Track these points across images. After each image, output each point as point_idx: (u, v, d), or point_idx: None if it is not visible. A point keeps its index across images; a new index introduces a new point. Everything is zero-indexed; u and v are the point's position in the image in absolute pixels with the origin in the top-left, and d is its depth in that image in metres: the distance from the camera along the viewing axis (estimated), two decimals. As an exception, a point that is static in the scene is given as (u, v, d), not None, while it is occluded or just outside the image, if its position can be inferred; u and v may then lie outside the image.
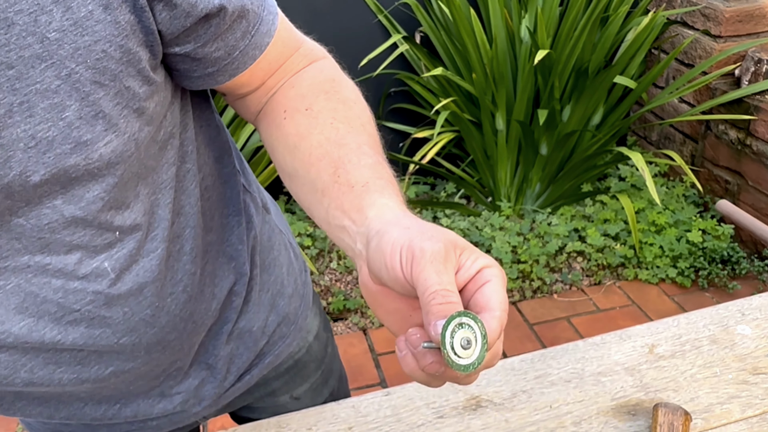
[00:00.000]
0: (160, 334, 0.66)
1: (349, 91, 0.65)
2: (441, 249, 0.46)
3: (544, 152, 2.41)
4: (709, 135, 2.55)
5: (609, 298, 2.27)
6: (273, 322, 0.82)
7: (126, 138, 0.53)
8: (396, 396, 0.81)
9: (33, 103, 0.47)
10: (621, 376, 0.82)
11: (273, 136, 0.64)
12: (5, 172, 0.48)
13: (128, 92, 0.52)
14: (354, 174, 0.55)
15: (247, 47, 0.59)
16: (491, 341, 0.45)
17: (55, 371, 0.61)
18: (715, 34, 2.42)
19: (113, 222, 0.56)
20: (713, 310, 0.92)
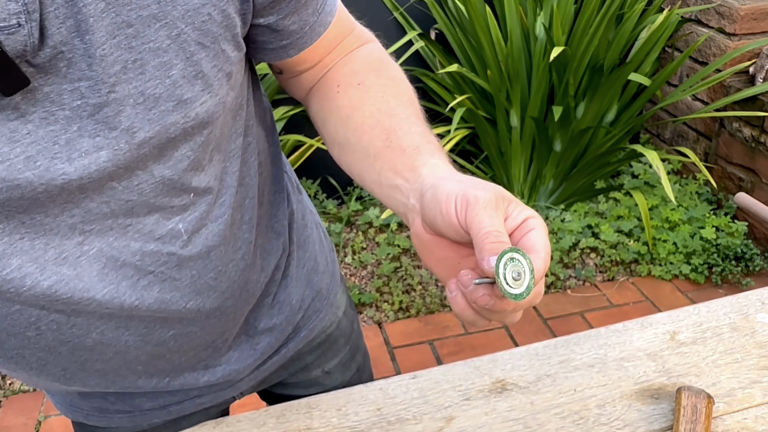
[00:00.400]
0: (220, 299, 0.69)
1: (396, 70, 0.70)
2: (492, 198, 0.51)
3: (558, 149, 2.43)
4: (723, 132, 2.56)
5: (622, 294, 2.28)
6: (308, 297, 0.86)
7: (217, 99, 0.57)
8: (423, 379, 0.83)
9: (145, 60, 0.51)
10: (643, 361, 0.83)
11: (325, 108, 0.69)
12: (114, 126, 0.51)
13: (223, 55, 0.56)
14: (405, 139, 0.60)
15: (315, 23, 0.65)
16: (538, 277, 0.50)
17: (123, 334, 0.64)
18: (730, 32, 2.43)
19: (191, 183, 0.59)
20: (733, 299, 0.93)
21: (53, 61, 0.48)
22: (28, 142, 0.49)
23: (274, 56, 0.67)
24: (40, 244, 0.54)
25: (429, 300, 2.25)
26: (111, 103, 0.50)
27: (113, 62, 0.49)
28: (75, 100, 0.49)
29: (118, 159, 0.52)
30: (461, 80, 2.46)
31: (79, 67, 0.48)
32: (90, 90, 0.49)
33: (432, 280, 2.32)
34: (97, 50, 0.48)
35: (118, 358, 0.67)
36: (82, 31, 0.47)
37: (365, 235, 2.53)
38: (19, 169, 0.49)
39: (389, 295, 2.28)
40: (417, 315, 2.22)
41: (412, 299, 2.26)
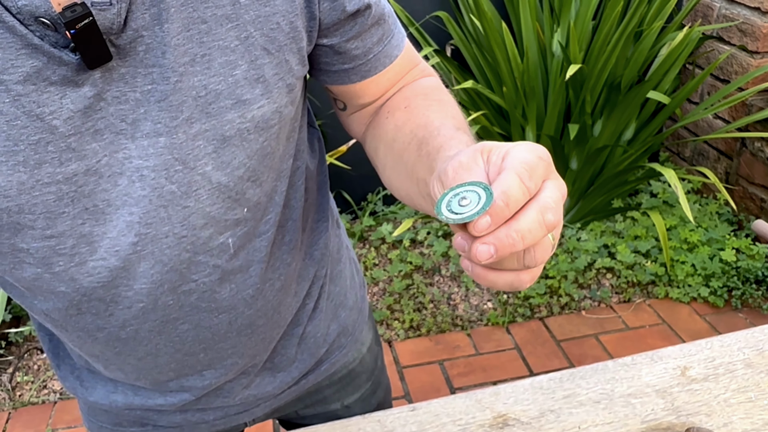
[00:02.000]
0: (253, 316, 0.70)
1: (446, 95, 0.71)
2: (463, 160, 0.46)
3: (575, 167, 2.39)
4: (745, 152, 2.51)
5: (639, 317, 2.23)
6: (334, 332, 0.86)
7: (275, 107, 0.59)
8: (422, 411, 0.81)
9: (213, 57, 0.54)
10: (652, 398, 0.80)
11: (377, 136, 0.70)
12: (175, 115, 0.54)
13: (287, 65, 0.59)
14: (432, 144, 0.59)
15: (380, 53, 0.66)
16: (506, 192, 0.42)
17: (155, 337, 0.66)
18: (752, 50, 2.38)
19: (245, 194, 0.61)
20: (748, 333, 0.89)
21: (133, 44, 0.51)
22: (98, 117, 0.52)
23: (336, 79, 0.68)
24: (98, 233, 0.56)
25: (440, 319, 2.22)
26: (176, 92, 0.53)
27: (184, 53, 0.52)
28: (147, 84, 0.52)
29: (174, 148, 0.55)
30: (477, 96, 2.44)
31: (155, 54, 0.51)
32: (161, 77, 0.52)
33: (444, 299, 2.30)
34: (173, 39, 0.51)
35: (150, 359, 0.69)
36: (162, 20, 0.51)
37: (378, 251, 2.51)
38: (87, 140, 0.52)
39: (400, 312, 2.25)
40: (428, 334, 2.19)
41: (423, 317, 2.23)
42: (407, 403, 1.91)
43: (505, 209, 0.42)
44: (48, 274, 0.58)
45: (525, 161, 0.43)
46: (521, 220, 0.43)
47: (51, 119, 0.50)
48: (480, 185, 0.43)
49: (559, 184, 0.45)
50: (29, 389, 2.04)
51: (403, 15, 2.45)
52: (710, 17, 2.54)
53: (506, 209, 0.42)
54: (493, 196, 0.42)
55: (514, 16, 2.43)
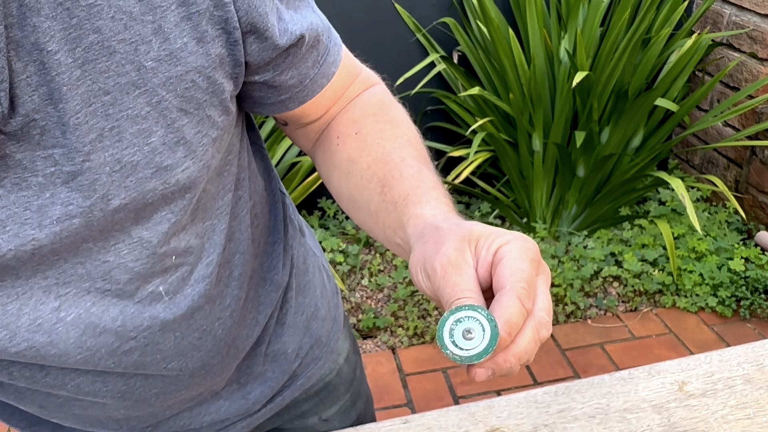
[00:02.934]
0: (205, 358, 0.66)
1: (397, 111, 0.67)
2: (451, 256, 0.46)
3: (582, 174, 2.38)
4: (755, 160, 2.48)
5: (645, 326, 2.21)
6: (306, 345, 0.83)
7: (201, 165, 0.55)
8: (414, 424, 0.80)
9: (123, 128, 0.49)
10: (648, 413, 0.79)
11: (328, 162, 0.67)
12: (88, 194, 0.49)
13: (209, 121, 0.54)
14: (397, 189, 0.57)
15: (317, 75, 0.62)
16: (509, 322, 0.43)
17: (100, 389, 0.62)
18: (763, 57, 2.36)
19: (171, 244, 0.57)
20: (748, 348, 0.88)
21: (25, 128, 0.46)
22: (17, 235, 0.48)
23: (274, 110, 0.64)
24: (12, 310, 0.52)
25: (445, 326, 2.20)
26: (85, 172, 0.49)
27: (89, 130, 0.48)
28: (48, 167, 0.48)
29: (91, 225, 0.51)
30: (483, 103, 2.43)
31: (53, 135, 0.47)
32: (64, 158, 0.48)
33: (449, 306, 2.28)
34: (71, 119, 0.47)
35: (96, 408, 0.65)
36: (56, 99, 0.46)
37: (383, 257, 2.51)
38: None
39: (404, 319, 2.24)
40: (432, 341, 2.18)
41: (427, 325, 2.22)
42: (410, 411, 1.90)
43: (507, 339, 0.43)
44: None
45: (522, 276, 0.44)
46: (519, 344, 0.44)
47: None
48: (482, 313, 0.43)
49: (546, 279, 0.46)
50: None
51: (410, 21, 2.45)
52: (720, 24, 2.52)
53: (508, 339, 0.43)
54: (498, 331, 0.42)
55: (521, 22, 2.42)
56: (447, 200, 0.56)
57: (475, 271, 0.46)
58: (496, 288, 0.45)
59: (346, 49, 0.67)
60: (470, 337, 0.43)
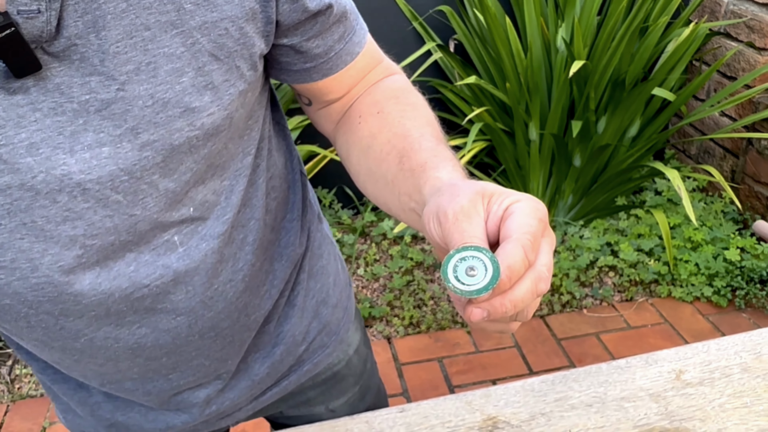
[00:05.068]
0: (215, 319, 0.68)
1: (417, 97, 0.70)
2: (464, 205, 0.48)
3: (578, 164, 2.37)
4: (751, 150, 2.48)
5: (640, 316, 2.21)
6: (314, 330, 0.83)
7: (225, 114, 0.58)
8: (411, 413, 0.79)
9: (158, 64, 0.52)
10: (645, 402, 0.79)
11: (349, 141, 0.69)
12: (119, 124, 0.52)
13: (237, 71, 0.57)
14: (414, 159, 0.59)
15: (342, 51, 0.66)
16: (511, 267, 0.45)
17: (112, 345, 0.64)
18: (760, 47, 2.35)
19: (191, 195, 0.60)
20: (745, 336, 0.88)
21: (67, 52, 0.49)
22: (34, 129, 0.50)
23: (298, 78, 0.67)
24: (38, 249, 0.54)
25: (440, 316, 2.20)
26: (119, 101, 0.51)
27: (126, 61, 0.51)
28: (84, 94, 0.50)
29: (119, 158, 0.53)
30: (480, 92, 2.42)
31: (92, 62, 0.50)
32: (100, 85, 0.51)
33: (444, 296, 2.28)
34: (111, 47, 0.50)
35: (110, 366, 0.67)
36: (99, 27, 0.49)
37: (379, 247, 2.50)
38: (21, 153, 0.50)
39: (400, 309, 2.24)
40: (427, 331, 2.18)
41: (423, 314, 2.21)
42: (405, 400, 1.91)
43: (507, 283, 0.45)
44: None
45: (529, 230, 0.46)
46: (516, 291, 0.46)
47: None
48: (486, 254, 0.45)
49: (551, 241, 0.48)
50: (28, 382, 2.04)
51: (406, 9, 2.43)
52: (718, 13, 2.51)
53: (508, 283, 0.45)
54: (500, 271, 0.44)
55: (518, 11, 2.41)
56: (463, 172, 0.58)
57: (485, 224, 0.48)
58: (502, 238, 0.47)
59: (371, 36, 0.70)
60: (472, 274, 0.44)
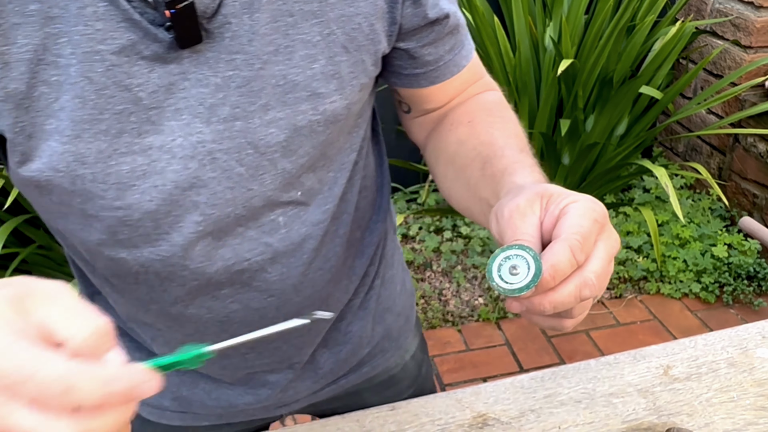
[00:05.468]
0: (301, 304, 0.71)
1: (508, 112, 0.72)
2: (521, 204, 0.50)
3: (567, 162, 2.38)
4: (738, 147, 2.50)
5: (630, 312, 2.22)
6: (378, 335, 0.86)
7: (345, 103, 0.62)
8: (401, 411, 0.80)
9: (295, 49, 0.57)
10: (633, 397, 0.79)
11: (438, 148, 0.73)
12: (253, 101, 0.56)
13: (362, 65, 0.61)
14: (496, 165, 0.61)
15: (450, 62, 0.69)
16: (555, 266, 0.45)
17: (203, 315, 0.68)
18: (746, 45, 2.37)
19: (300, 178, 0.63)
20: (732, 332, 0.89)
21: (221, 29, 0.53)
22: (181, 97, 0.54)
23: (406, 83, 0.70)
24: (163, 211, 0.59)
25: (431, 314, 2.21)
26: (257, 79, 0.56)
27: (269, 43, 0.55)
28: (229, 70, 0.55)
29: (248, 132, 0.57)
30: (469, 91, 2.42)
31: (240, 41, 0.54)
32: (244, 63, 0.55)
33: (435, 294, 2.29)
34: (261, 28, 0.55)
35: (196, 337, 0.69)
36: (253, 9, 0.54)
37: (369, 247, 2.50)
38: (167, 117, 0.55)
39: (391, 308, 2.24)
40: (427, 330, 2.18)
41: (414, 313, 2.22)
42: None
43: (551, 282, 0.46)
44: (112, 242, 0.61)
45: (581, 231, 0.46)
46: (558, 293, 0.46)
47: (137, 91, 0.53)
48: (530, 252, 0.46)
49: (609, 246, 0.48)
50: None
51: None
52: (704, 12, 2.53)
53: (552, 282, 0.46)
54: (542, 271, 0.45)
55: (507, 10, 2.42)
56: (542, 177, 0.59)
57: (540, 223, 0.49)
58: (553, 238, 0.47)
59: (476, 54, 0.74)
60: (515, 273, 0.46)
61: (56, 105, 0.52)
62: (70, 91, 0.52)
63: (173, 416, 0.82)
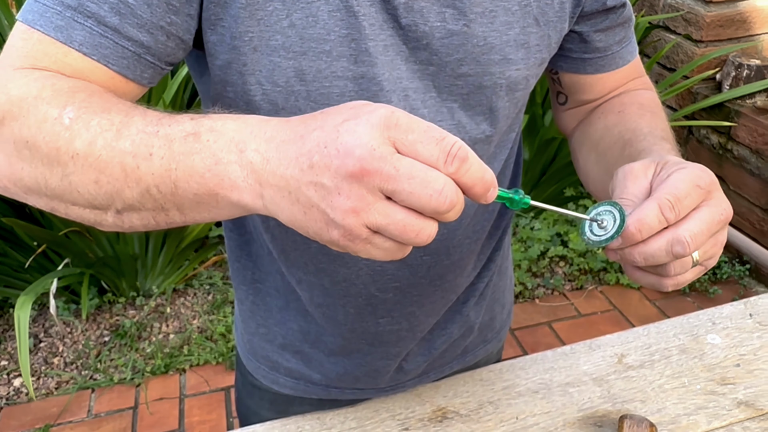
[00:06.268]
0: (448, 268, 0.73)
1: (659, 109, 0.74)
2: (635, 167, 0.53)
3: (527, 157, 2.41)
4: (692, 139, 2.56)
5: (590, 303, 2.26)
6: (485, 324, 0.88)
7: (527, 74, 0.65)
8: (362, 407, 0.80)
9: (497, 14, 0.61)
10: (589, 386, 0.81)
11: (585, 133, 0.76)
12: (451, 53, 0.60)
13: (547, 40, 0.65)
14: (636, 147, 0.64)
15: (617, 53, 0.73)
16: (641, 220, 0.48)
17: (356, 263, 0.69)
18: (697, 39, 2.43)
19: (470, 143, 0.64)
20: (684, 320, 0.91)
21: None
22: (388, 35, 0.58)
23: (573, 66, 0.74)
24: None
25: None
26: (459, 34, 0.59)
27: (478, 4, 0.59)
28: (437, 21, 0.58)
29: (436, 78, 0.61)
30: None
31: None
32: (452, 17, 0.59)
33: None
34: None
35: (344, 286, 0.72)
36: None
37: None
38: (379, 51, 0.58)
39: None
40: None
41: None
42: (363, 396, 1.91)
43: (636, 235, 0.49)
44: None
45: (675, 191, 0.49)
46: (648, 246, 0.49)
47: (363, 19, 0.56)
48: (616, 207, 0.50)
49: (714, 212, 0.50)
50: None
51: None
52: (656, 7, 2.59)
53: (638, 235, 0.49)
54: (625, 223, 0.49)
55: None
56: (677, 155, 0.61)
57: (651, 187, 0.52)
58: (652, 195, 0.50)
59: (638, 54, 0.77)
60: (603, 226, 0.50)
61: (286, 22, 0.55)
62: (304, 9, 0.55)
63: (285, 383, 0.84)
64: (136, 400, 1.92)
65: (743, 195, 2.36)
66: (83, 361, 2.04)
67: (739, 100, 2.35)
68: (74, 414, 1.88)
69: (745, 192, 2.35)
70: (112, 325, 2.17)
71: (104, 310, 2.21)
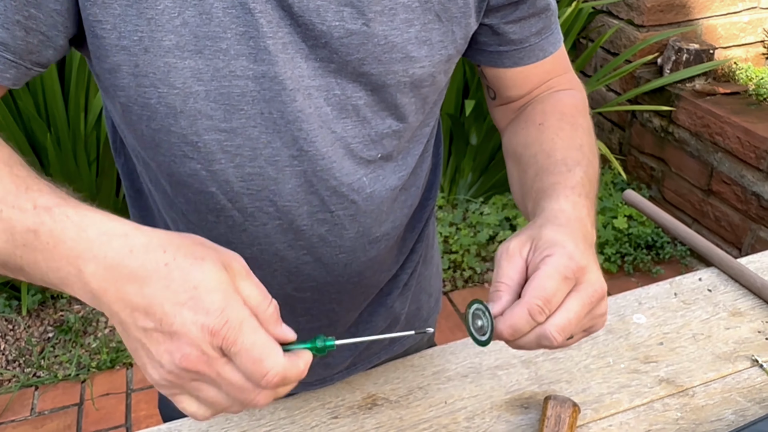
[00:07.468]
0: (366, 264, 0.73)
1: (583, 119, 0.73)
2: (511, 246, 0.55)
3: (474, 142, 2.43)
4: (635, 123, 2.61)
5: (539, 286, 2.29)
6: (412, 314, 0.88)
7: (432, 71, 0.64)
8: (291, 398, 0.80)
9: (396, 12, 0.60)
10: (517, 369, 0.82)
11: (510, 143, 0.76)
12: (351, 53, 0.59)
13: (452, 36, 0.64)
14: (545, 181, 0.64)
15: (536, 46, 0.71)
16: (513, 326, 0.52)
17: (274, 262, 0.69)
18: (638, 24, 2.47)
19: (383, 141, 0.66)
20: (612, 300, 0.93)
21: None
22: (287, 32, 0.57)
23: (490, 60, 0.73)
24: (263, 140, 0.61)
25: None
26: (360, 34, 0.58)
27: (376, 3, 0.58)
28: (335, 21, 0.57)
29: (339, 75, 0.60)
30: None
31: None
32: (350, 16, 0.58)
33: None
34: None
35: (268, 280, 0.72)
36: None
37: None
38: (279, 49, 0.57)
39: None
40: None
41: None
42: (313, 384, 1.91)
43: (509, 338, 0.53)
44: (205, 172, 0.61)
45: (543, 292, 0.51)
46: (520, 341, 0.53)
47: (260, 17, 0.55)
48: (487, 312, 0.54)
49: (583, 296, 0.52)
50: None
51: None
52: (600, -8, 2.62)
53: (511, 338, 0.53)
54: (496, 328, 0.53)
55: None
56: (579, 198, 0.62)
57: (526, 266, 0.54)
58: (523, 295, 0.53)
59: (564, 47, 0.76)
60: (479, 326, 0.54)
61: (178, 20, 0.53)
62: (197, 7, 0.53)
63: None
64: (81, 397, 1.88)
65: (684, 177, 2.42)
66: (26, 358, 1.99)
67: (680, 83, 2.40)
68: (17, 413, 1.83)
69: (686, 174, 2.41)
70: (56, 320, 2.12)
71: (48, 305, 2.16)
